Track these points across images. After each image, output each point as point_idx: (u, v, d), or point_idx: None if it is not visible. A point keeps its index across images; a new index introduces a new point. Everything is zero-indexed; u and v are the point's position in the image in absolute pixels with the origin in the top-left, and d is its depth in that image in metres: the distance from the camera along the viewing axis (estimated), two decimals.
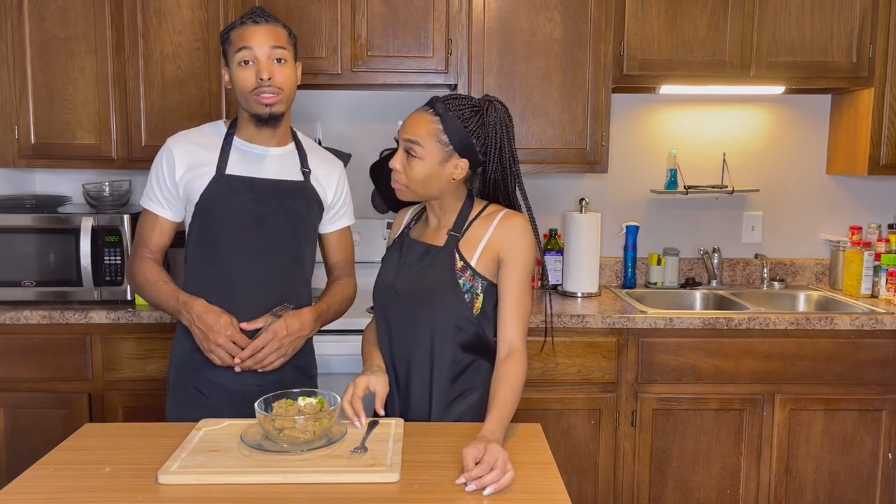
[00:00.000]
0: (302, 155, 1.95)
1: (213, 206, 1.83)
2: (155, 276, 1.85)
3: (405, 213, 1.89)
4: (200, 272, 1.87)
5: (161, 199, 1.87)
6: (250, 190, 1.84)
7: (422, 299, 1.67)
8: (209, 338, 1.75)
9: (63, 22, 2.73)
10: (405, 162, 1.66)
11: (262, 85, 1.77)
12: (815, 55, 2.85)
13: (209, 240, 1.85)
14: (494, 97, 1.71)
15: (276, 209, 1.86)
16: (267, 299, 1.85)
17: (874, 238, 3.06)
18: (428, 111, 1.66)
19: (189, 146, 1.86)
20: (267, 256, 1.86)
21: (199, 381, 1.87)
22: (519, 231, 1.67)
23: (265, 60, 1.77)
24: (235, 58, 1.78)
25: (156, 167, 1.88)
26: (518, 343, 1.64)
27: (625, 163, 3.23)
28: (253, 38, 1.77)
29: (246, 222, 1.84)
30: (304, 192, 1.91)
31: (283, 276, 1.89)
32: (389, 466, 1.37)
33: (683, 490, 2.68)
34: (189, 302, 1.78)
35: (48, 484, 1.35)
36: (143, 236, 1.90)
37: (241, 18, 1.82)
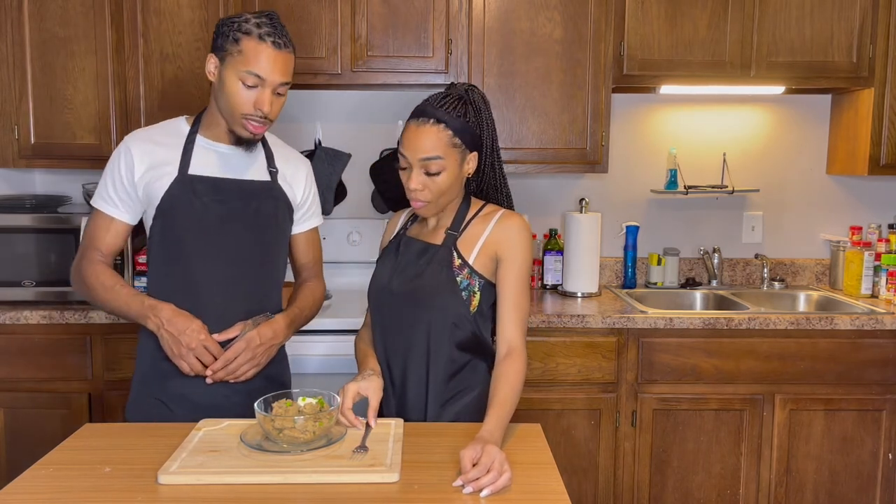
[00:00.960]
0: (268, 154, 1.87)
1: (176, 208, 1.74)
2: (112, 280, 1.74)
3: (401, 215, 1.89)
4: (163, 277, 1.78)
5: (116, 199, 1.77)
6: (214, 191, 1.76)
7: (419, 297, 1.67)
8: (180, 342, 1.66)
9: (63, 22, 2.73)
10: (425, 180, 1.63)
11: (257, 115, 1.70)
12: (815, 55, 2.85)
13: (172, 243, 1.76)
14: (465, 83, 1.72)
15: (242, 211, 1.78)
16: (234, 305, 1.77)
17: (874, 238, 3.06)
18: (429, 122, 1.62)
19: (149, 145, 1.77)
20: (233, 260, 1.78)
21: (164, 394, 1.78)
22: (517, 230, 1.68)
23: (269, 93, 1.69)
24: (241, 74, 1.67)
25: (112, 166, 1.77)
26: (517, 342, 1.64)
27: (625, 163, 3.23)
28: (268, 68, 1.67)
29: (210, 225, 1.75)
30: (272, 193, 1.84)
31: (251, 280, 1.81)
32: (389, 466, 1.37)
33: (683, 490, 2.68)
34: (156, 305, 1.69)
35: (48, 484, 1.35)
36: (93, 238, 1.79)
37: (257, 23, 1.67)
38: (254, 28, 1.67)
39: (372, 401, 1.61)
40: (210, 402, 1.75)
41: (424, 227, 1.77)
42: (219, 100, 1.73)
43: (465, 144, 1.65)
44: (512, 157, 2.85)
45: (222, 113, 1.74)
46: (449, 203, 1.71)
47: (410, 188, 1.64)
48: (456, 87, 1.69)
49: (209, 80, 1.75)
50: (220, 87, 1.72)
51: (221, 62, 1.70)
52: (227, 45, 1.69)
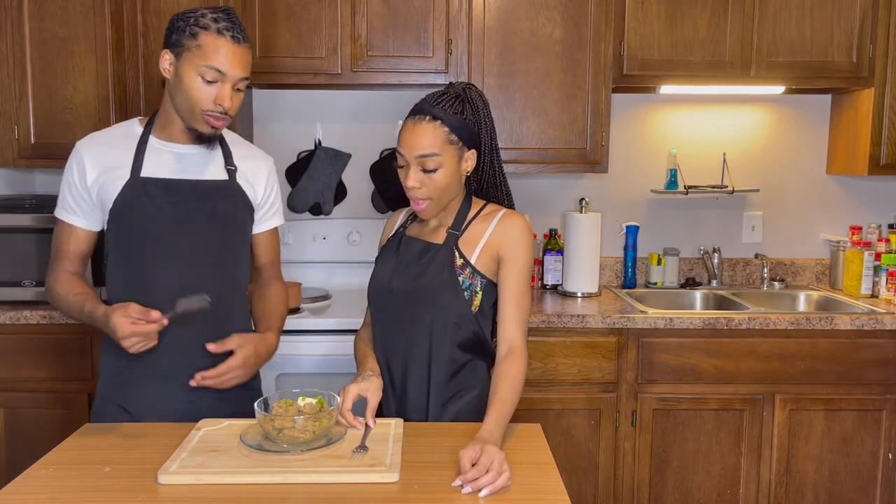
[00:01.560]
0: (226, 152, 1.81)
1: (129, 212, 1.70)
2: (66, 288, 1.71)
3: (399, 213, 1.88)
4: (120, 282, 1.74)
5: (74, 207, 1.74)
6: (168, 192, 1.71)
7: (421, 297, 1.67)
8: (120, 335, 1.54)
9: (63, 22, 2.73)
10: (423, 178, 1.63)
11: (217, 110, 1.66)
12: (815, 55, 2.85)
13: (127, 247, 1.72)
14: (464, 82, 1.73)
15: (198, 211, 1.73)
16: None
17: (874, 238, 3.06)
18: (425, 120, 1.62)
19: (100, 148, 1.73)
20: (190, 263, 1.73)
21: (126, 401, 1.74)
22: (519, 230, 1.68)
23: (230, 88, 1.66)
24: (199, 69, 1.63)
25: (66, 174, 1.74)
26: (518, 342, 1.64)
27: (625, 163, 3.23)
28: (228, 63, 1.63)
29: (165, 227, 1.71)
30: (230, 192, 1.78)
31: (211, 282, 1.73)
32: (389, 466, 1.37)
33: (683, 490, 2.68)
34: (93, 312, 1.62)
35: (48, 484, 1.35)
36: (59, 249, 1.76)
37: (214, 17, 1.64)
38: (211, 23, 1.63)
39: (371, 401, 1.61)
40: (174, 409, 1.73)
41: (425, 227, 1.77)
42: (175, 97, 1.68)
43: (463, 142, 1.65)
44: (512, 157, 2.85)
45: (180, 110, 1.69)
46: (449, 202, 1.70)
47: (408, 186, 1.64)
48: (454, 86, 1.69)
49: (166, 76, 1.69)
50: (176, 83, 1.67)
51: (178, 58, 1.65)
52: (183, 41, 1.64)
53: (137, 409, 1.74)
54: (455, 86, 1.70)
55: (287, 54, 2.77)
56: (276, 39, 2.76)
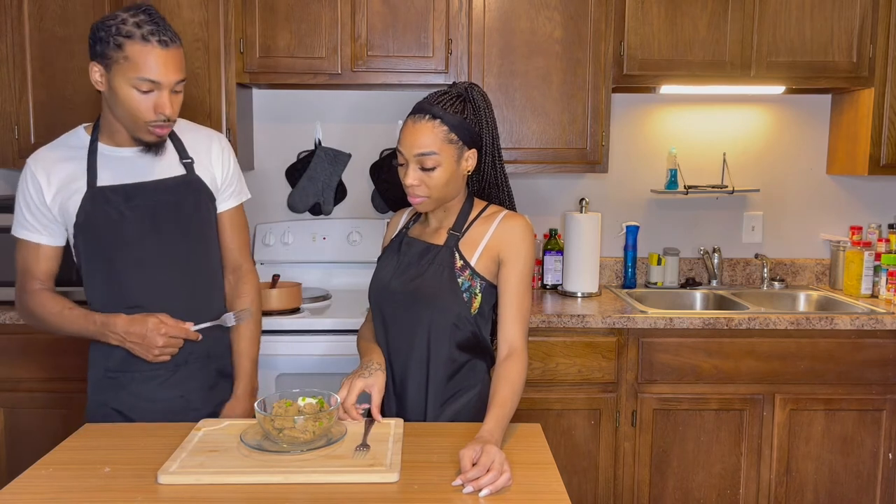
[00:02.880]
0: (178, 146, 1.77)
1: (93, 223, 1.68)
2: (58, 306, 1.71)
3: (402, 214, 1.89)
4: (99, 290, 1.74)
5: (36, 224, 1.71)
6: (127, 198, 1.69)
7: (420, 297, 1.67)
8: (147, 346, 1.64)
9: (63, 22, 2.73)
10: (421, 176, 1.63)
11: (160, 119, 1.63)
12: (815, 55, 2.85)
13: (97, 258, 1.71)
14: (467, 82, 1.74)
15: (162, 212, 1.72)
16: (177, 307, 1.72)
17: (874, 238, 3.06)
18: (425, 118, 1.62)
19: (52, 164, 1.70)
20: (162, 264, 1.73)
21: (118, 403, 1.75)
22: (520, 232, 1.68)
23: (167, 94, 1.61)
24: (133, 81, 1.58)
25: (22, 192, 1.71)
26: (518, 343, 1.64)
27: (625, 163, 3.23)
28: (161, 70, 1.58)
29: (131, 233, 1.69)
30: (190, 187, 1.75)
31: (187, 280, 1.76)
32: (389, 466, 1.37)
33: (683, 490, 2.68)
34: (108, 321, 1.65)
35: (48, 484, 1.35)
36: (27, 268, 1.73)
37: (136, 23, 1.56)
38: (134, 29, 1.56)
39: (375, 397, 1.62)
40: (167, 407, 1.75)
41: (426, 227, 1.77)
42: (114, 109, 1.65)
43: (463, 141, 1.65)
44: (512, 157, 2.85)
45: (121, 122, 1.66)
46: (448, 200, 1.70)
47: (407, 184, 1.65)
48: (456, 86, 1.70)
49: (97, 89, 1.65)
50: (112, 96, 1.62)
51: (107, 70, 1.60)
52: (109, 52, 1.57)
53: (130, 409, 1.75)
54: (457, 85, 1.70)
55: (287, 54, 2.77)
56: (276, 39, 2.76)
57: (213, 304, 1.83)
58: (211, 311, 1.80)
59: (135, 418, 1.74)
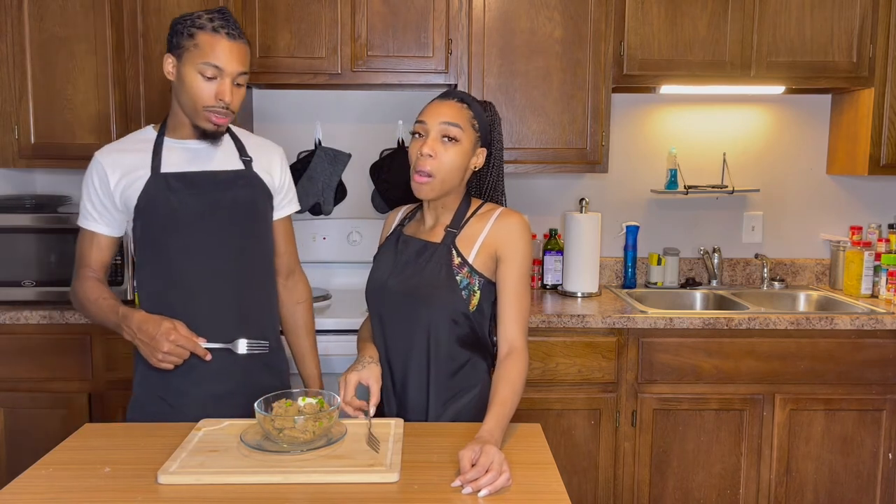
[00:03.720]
0: (238, 144, 1.88)
1: (153, 208, 1.76)
2: (95, 294, 1.77)
3: (397, 212, 1.89)
4: (151, 278, 1.80)
5: (95, 215, 1.81)
6: (189, 185, 1.78)
7: (418, 296, 1.67)
8: (153, 348, 1.66)
9: (63, 22, 2.74)
10: (439, 148, 1.63)
11: (219, 106, 1.72)
12: (815, 55, 2.85)
13: (153, 242, 1.78)
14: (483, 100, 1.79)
15: (219, 201, 1.79)
16: (224, 297, 1.79)
17: (874, 238, 3.06)
18: (454, 99, 1.67)
19: (118, 154, 1.80)
20: (216, 252, 1.79)
21: (166, 391, 1.79)
22: (516, 229, 1.67)
23: (229, 83, 1.72)
24: (199, 66, 1.70)
25: (86, 183, 1.81)
26: (518, 342, 1.64)
27: (625, 163, 3.23)
28: (225, 59, 1.70)
29: (188, 219, 1.77)
30: (248, 181, 1.84)
31: (238, 270, 1.82)
32: (389, 466, 1.37)
33: (683, 490, 2.68)
34: (127, 314, 1.70)
35: (48, 484, 1.35)
36: (82, 256, 1.83)
37: (209, 18, 1.72)
38: (207, 22, 1.71)
39: (373, 387, 1.63)
40: (212, 394, 1.77)
41: (422, 225, 1.77)
42: (180, 97, 1.75)
43: (481, 134, 1.69)
44: (512, 157, 2.85)
45: (184, 109, 1.76)
46: (448, 190, 1.69)
47: (422, 153, 1.62)
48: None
49: (170, 79, 1.76)
50: (179, 83, 1.74)
51: (178, 59, 1.73)
52: (182, 42, 1.72)
53: (177, 396, 1.78)
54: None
55: (287, 54, 2.77)
56: (276, 39, 2.76)
57: (262, 295, 1.88)
58: (259, 303, 1.86)
59: (179, 405, 1.78)
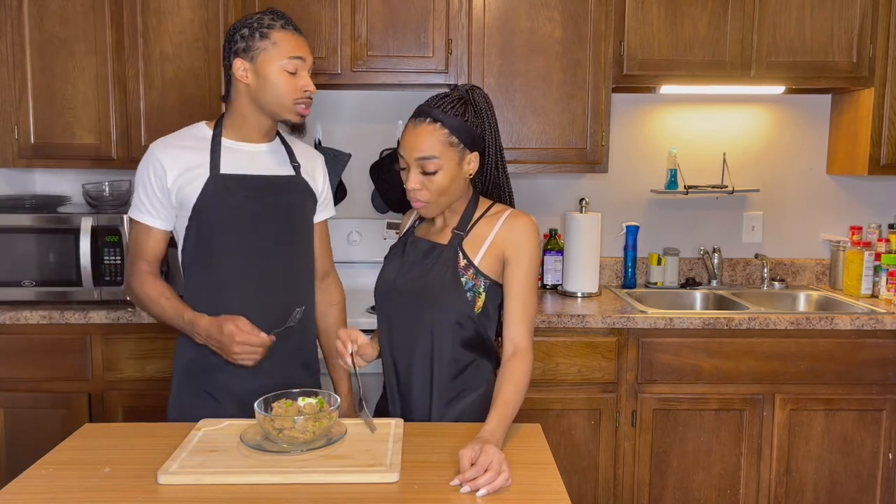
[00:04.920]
0: (289, 150, 1.94)
1: (211, 208, 1.79)
2: (157, 292, 1.80)
3: (412, 213, 1.89)
4: (199, 278, 1.83)
5: (150, 208, 1.82)
6: (246, 188, 1.82)
7: (424, 297, 1.67)
8: (224, 350, 1.71)
9: (63, 22, 2.74)
10: (423, 180, 1.63)
11: (305, 97, 1.80)
12: (815, 55, 2.85)
13: (207, 243, 1.81)
14: (468, 84, 1.74)
15: (274, 206, 1.85)
16: (270, 298, 1.84)
17: (874, 238, 3.06)
18: (426, 122, 1.62)
19: (176, 150, 1.81)
20: (267, 256, 1.84)
21: (211, 385, 1.83)
22: (524, 230, 1.67)
23: (307, 73, 1.80)
24: (282, 62, 1.76)
25: (142, 176, 1.82)
26: (523, 343, 1.64)
27: (625, 163, 3.23)
28: (303, 50, 1.80)
29: (244, 222, 1.81)
30: (298, 187, 1.91)
31: (286, 275, 1.87)
32: (389, 466, 1.37)
33: (683, 490, 2.68)
34: (195, 321, 1.74)
35: (48, 484, 1.35)
36: (137, 249, 1.84)
37: (272, 17, 1.79)
38: (274, 21, 1.78)
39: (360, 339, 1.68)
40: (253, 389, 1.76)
41: (431, 227, 1.77)
42: (262, 97, 1.79)
43: (464, 144, 1.64)
44: (512, 157, 2.85)
45: (268, 108, 1.80)
46: (451, 203, 1.70)
47: (409, 188, 1.65)
48: (458, 88, 1.69)
49: (243, 83, 1.79)
50: (261, 84, 1.78)
51: (253, 61, 1.77)
52: (255, 43, 1.77)
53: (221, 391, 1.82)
54: (459, 88, 1.70)
55: None
56: None
57: (305, 297, 1.91)
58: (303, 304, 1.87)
59: (223, 401, 1.81)
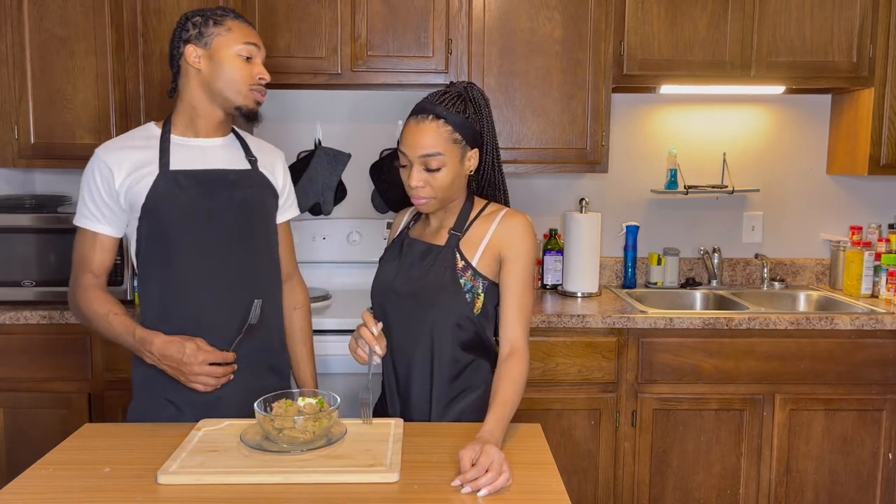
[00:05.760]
0: (244, 144, 1.87)
1: (162, 206, 1.71)
2: (105, 309, 1.72)
3: (405, 213, 1.88)
4: (155, 280, 1.75)
5: (98, 214, 1.74)
6: (199, 183, 1.75)
7: (423, 299, 1.67)
8: (183, 372, 1.65)
9: (63, 22, 2.74)
10: (426, 177, 1.63)
11: (260, 83, 1.78)
12: (815, 55, 2.85)
13: (160, 243, 1.73)
14: (464, 81, 1.74)
15: (229, 201, 1.77)
16: (231, 297, 1.76)
17: (874, 238, 3.06)
18: (428, 118, 1.62)
19: (123, 151, 1.75)
20: (225, 253, 1.76)
21: (173, 394, 1.74)
22: (521, 230, 1.67)
23: (260, 60, 1.78)
24: (237, 48, 1.74)
25: (87, 181, 1.74)
26: (520, 342, 1.64)
27: (625, 163, 3.23)
28: (257, 39, 1.79)
29: (198, 219, 1.74)
30: (255, 180, 1.83)
31: (247, 271, 1.79)
32: (389, 466, 1.37)
33: (683, 490, 2.68)
34: (146, 338, 1.66)
35: (47, 484, 1.35)
36: (83, 259, 1.76)
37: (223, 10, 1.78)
38: (226, 12, 1.78)
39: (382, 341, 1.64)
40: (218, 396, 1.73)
41: (427, 228, 1.77)
42: (215, 84, 1.74)
43: (466, 141, 1.65)
44: (512, 157, 2.85)
45: (222, 94, 1.75)
46: (451, 200, 1.70)
47: (411, 185, 1.64)
48: (455, 85, 1.69)
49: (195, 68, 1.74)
50: (215, 69, 1.74)
51: (206, 47, 1.74)
52: (209, 29, 1.74)
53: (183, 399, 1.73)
54: (456, 85, 1.69)
55: (287, 54, 2.77)
56: (276, 39, 2.76)
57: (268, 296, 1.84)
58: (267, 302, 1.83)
59: (186, 409, 1.73)
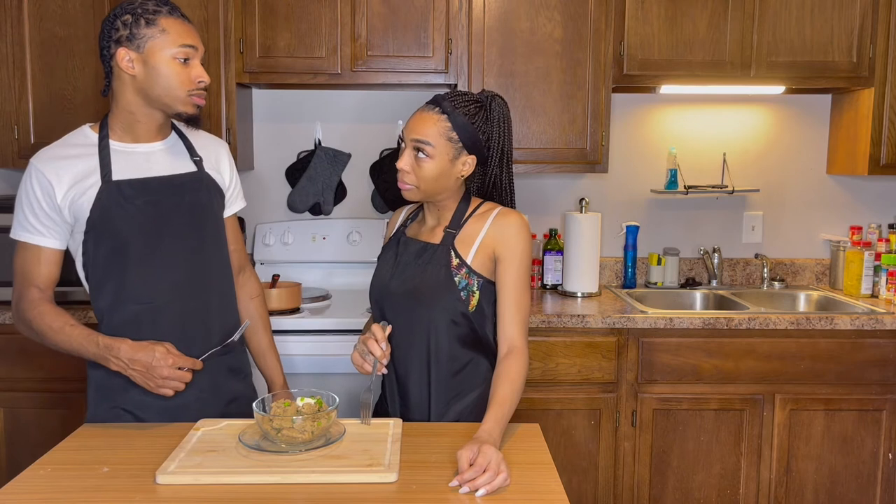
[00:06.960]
0: (187, 143, 1.79)
1: (108, 218, 1.64)
2: (60, 321, 1.64)
3: (401, 212, 1.89)
4: (109, 294, 1.68)
5: (40, 227, 1.64)
6: (144, 192, 1.67)
7: (418, 297, 1.67)
8: (152, 376, 1.58)
9: (63, 21, 2.74)
10: (414, 162, 1.65)
11: (199, 87, 1.68)
12: (815, 55, 2.85)
13: (110, 256, 1.66)
14: (494, 92, 1.73)
15: (177, 207, 1.71)
16: (190, 305, 1.72)
17: (874, 238, 3.06)
18: (434, 110, 1.65)
19: (61, 162, 1.65)
20: (178, 260, 1.71)
21: (128, 402, 1.69)
22: (515, 228, 1.67)
23: (199, 61, 1.68)
24: (173, 51, 1.63)
25: (27, 193, 1.64)
26: (518, 341, 1.64)
27: (625, 163, 3.23)
28: (195, 38, 1.67)
29: (147, 228, 1.67)
30: (203, 183, 1.76)
31: (201, 277, 1.74)
32: (387, 467, 1.37)
33: (683, 490, 2.68)
34: (112, 345, 1.59)
35: (47, 484, 1.35)
36: (27, 274, 1.66)
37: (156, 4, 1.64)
38: (160, 7, 1.65)
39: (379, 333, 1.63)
40: (178, 403, 1.69)
41: (423, 226, 1.77)
42: (152, 90, 1.65)
43: (463, 144, 1.65)
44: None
45: (160, 100, 1.66)
46: (436, 195, 1.70)
47: (399, 167, 1.66)
48: (482, 92, 1.72)
49: (128, 74, 1.64)
50: (150, 75, 1.63)
51: (140, 50, 1.63)
52: (141, 31, 1.62)
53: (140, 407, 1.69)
54: (483, 92, 1.72)
55: (287, 54, 2.78)
56: (276, 39, 2.77)
57: (225, 299, 1.81)
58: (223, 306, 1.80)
59: (145, 417, 1.68)
